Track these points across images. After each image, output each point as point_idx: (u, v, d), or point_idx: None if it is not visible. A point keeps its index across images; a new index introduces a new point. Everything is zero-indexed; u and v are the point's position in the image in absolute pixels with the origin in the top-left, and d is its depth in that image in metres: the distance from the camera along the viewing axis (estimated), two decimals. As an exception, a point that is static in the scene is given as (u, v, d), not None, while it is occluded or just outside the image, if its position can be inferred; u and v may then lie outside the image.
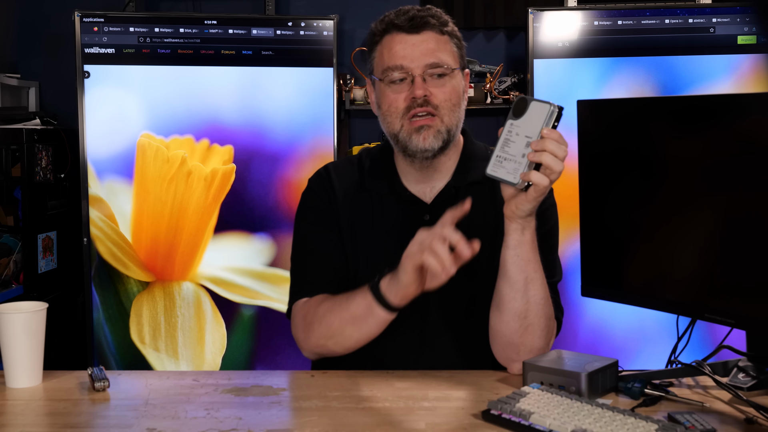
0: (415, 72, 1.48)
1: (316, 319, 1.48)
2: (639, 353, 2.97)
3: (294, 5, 3.59)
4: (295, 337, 1.54)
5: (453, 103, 1.50)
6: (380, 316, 1.41)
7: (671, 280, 1.38)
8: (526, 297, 1.41)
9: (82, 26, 3.02)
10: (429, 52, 1.49)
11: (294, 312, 1.56)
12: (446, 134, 1.49)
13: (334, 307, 1.47)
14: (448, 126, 1.49)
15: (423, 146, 1.48)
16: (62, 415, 1.26)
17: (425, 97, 1.47)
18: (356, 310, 1.43)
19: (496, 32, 3.57)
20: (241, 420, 1.22)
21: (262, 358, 3.11)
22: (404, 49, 1.49)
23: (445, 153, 1.53)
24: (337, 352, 1.50)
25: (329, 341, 1.48)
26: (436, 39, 1.50)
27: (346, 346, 1.47)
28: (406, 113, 1.49)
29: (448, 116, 1.49)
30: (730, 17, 3.03)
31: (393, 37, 1.51)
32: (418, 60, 1.48)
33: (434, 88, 1.48)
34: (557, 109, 1.32)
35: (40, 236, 3.12)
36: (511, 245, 1.40)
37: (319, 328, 1.48)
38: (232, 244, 3.09)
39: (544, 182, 1.31)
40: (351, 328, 1.44)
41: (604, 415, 1.15)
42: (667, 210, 1.36)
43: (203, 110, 3.07)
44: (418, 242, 1.33)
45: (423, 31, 1.49)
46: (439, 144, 1.49)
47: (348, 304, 1.44)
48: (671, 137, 1.37)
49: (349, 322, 1.44)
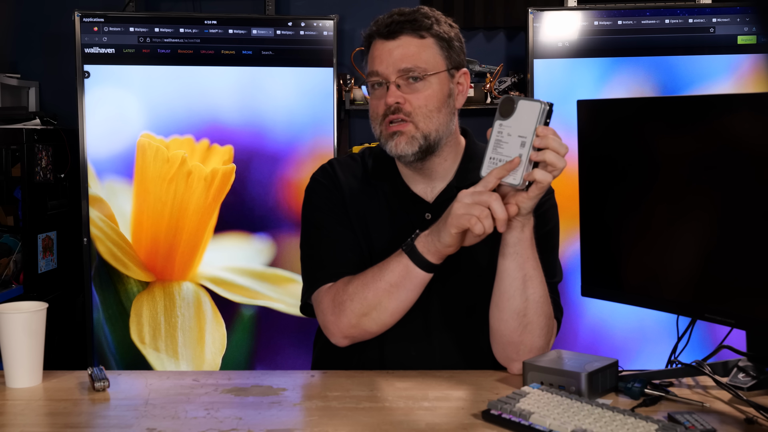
0: (390, 78, 1.49)
1: (347, 297, 1.45)
2: (639, 353, 2.97)
3: (294, 5, 3.59)
4: (323, 323, 1.51)
5: (430, 108, 1.49)
6: (419, 278, 1.41)
7: (671, 280, 1.38)
8: (525, 295, 1.41)
9: (82, 26, 3.02)
10: (403, 57, 1.48)
11: (319, 298, 1.52)
12: (422, 140, 1.49)
13: (366, 281, 1.44)
14: (424, 131, 1.49)
15: (396, 152, 1.50)
16: (62, 415, 1.26)
17: (398, 104, 1.48)
18: (392, 278, 1.42)
19: (496, 32, 3.58)
20: (241, 420, 1.22)
21: (262, 358, 3.11)
22: (381, 55, 1.50)
23: (437, 155, 1.53)
24: (371, 330, 1.47)
25: (364, 318, 1.44)
26: (414, 43, 1.49)
27: (382, 320, 1.45)
28: (383, 119, 1.50)
29: (424, 122, 1.49)
30: (730, 17, 3.03)
31: (375, 44, 1.52)
32: (392, 66, 1.48)
33: (409, 94, 1.48)
34: (548, 106, 1.31)
35: (40, 236, 3.12)
36: (510, 243, 1.40)
37: (352, 305, 1.45)
38: (232, 244, 3.10)
39: (548, 179, 1.31)
40: (387, 298, 1.42)
41: (604, 415, 1.15)
42: (667, 210, 1.36)
43: (203, 110, 3.07)
44: (464, 205, 1.33)
45: (399, 36, 1.49)
46: (414, 149, 1.49)
47: (382, 273, 1.43)
48: (671, 137, 1.37)
49: (385, 293, 1.42)
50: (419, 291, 1.43)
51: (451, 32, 1.53)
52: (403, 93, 1.48)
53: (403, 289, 1.42)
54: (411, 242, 1.41)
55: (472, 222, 1.31)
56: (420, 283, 1.42)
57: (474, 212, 1.31)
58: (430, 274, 1.41)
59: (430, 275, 1.42)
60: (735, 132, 1.28)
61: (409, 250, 1.41)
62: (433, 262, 1.40)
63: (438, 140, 1.51)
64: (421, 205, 1.56)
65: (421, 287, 1.43)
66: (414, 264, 1.40)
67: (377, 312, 1.44)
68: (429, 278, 1.42)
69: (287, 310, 3.09)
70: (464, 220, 1.32)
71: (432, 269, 1.41)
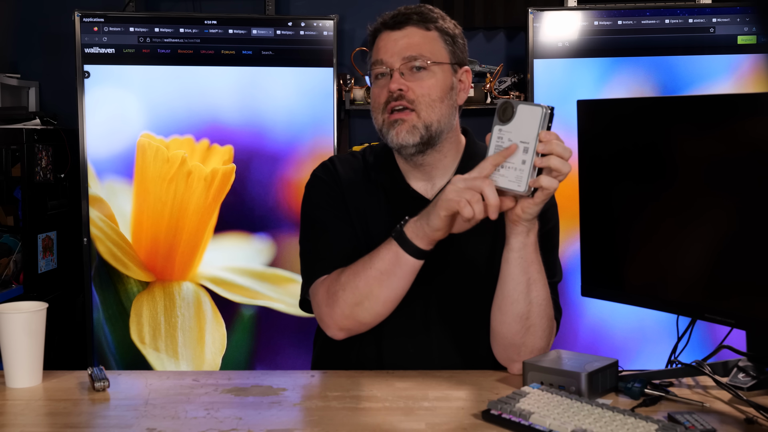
0: (394, 66, 1.49)
1: (339, 287, 1.45)
2: (639, 353, 2.97)
3: (294, 5, 3.59)
4: (319, 316, 1.50)
5: (433, 98, 1.49)
6: (409, 265, 1.39)
7: (671, 280, 1.38)
8: (528, 299, 1.41)
9: (82, 26, 3.02)
10: (408, 46, 1.49)
11: (314, 291, 1.52)
12: (424, 130, 1.48)
13: (357, 270, 1.44)
14: (426, 122, 1.48)
15: (397, 141, 1.49)
16: (62, 415, 1.26)
17: (401, 91, 1.48)
18: (382, 265, 1.40)
19: (496, 32, 3.57)
20: (241, 420, 1.22)
21: (262, 358, 3.11)
22: (386, 44, 1.51)
23: (438, 150, 1.53)
24: (366, 321, 1.46)
25: (357, 308, 1.43)
26: (419, 34, 1.51)
27: (375, 310, 1.44)
28: (385, 107, 1.50)
29: (426, 111, 1.48)
30: (730, 17, 3.03)
31: (381, 35, 1.53)
32: (397, 54, 1.49)
33: (412, 82, 1.49)
34: (549, 110, 1.28)
35: (40, 236, 3.12)
36: (515, 248, 1.39)
37: (344, 295, 1.44)
38: (232, 244, 3.10)
39: (554, 185, 1.30)
40: (379, 286, 1.41)
41: (604, 415, 1.15)
42: (667, 210, 1.36)
43: (203, 110, 3.07)
44: (456, 189, 1.31)
45: (405, 27, 1.51)
46: (415, 139, 1.48)
47: (372, 261, 1.42)
48: (671, 137, 1.37)
49: (376, 281, 1.41)
50: (410, 278, 1.42)
51: (455, 30, 1.56)
52: (407, 81, 1.49)
53: (394, 277, 1.40)
54: (400, 228, 1.40)
55: (461, 205, 1.30)
56: (410, 270, 1.40)
57: (465, 196, 1.30)
58: (420, 260, 1.40)
59: (421, 262, 1.40)
60: (736, 132, 1.28)
61: (398, 236, 1.39)
62: (422, 247, 1.38)
63: (439, 132, 1.51)
64: (421, 201, 1.55)
65: (412, 275, 1.41)
66: (403, 250, 1.39)
67: (369, 301, 1.43)
68: (419, 265, 1.40)
69: (287, 310, 3.09)
70: (454, 203, 1.31)
71: (422, 255, 1.39)
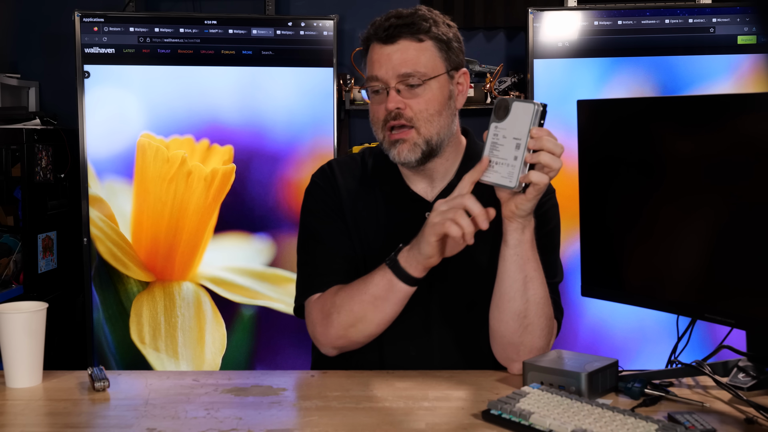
0: (390, 83, 1.48)
1: (334, 310, 1.46)
2: (639, 353, 2.97)
3: (294, 5, 3.59)
4: (312, 334, 1.52)
5: (431, 112, 1.49)
6: (402, 292, 1.41)
7: (671, 280, 1.38)
8: (525, 296, 1.41)
9: (82, 26, 3.02)
10: (402, 62, 1.48)
11: (308, 309, 1.54)
12: (425, 145, 1.49)
13: (352, 293, 1.45)
14: (426, 137, 1.49)
15: (399, 160, 1.50)
16: (62, 415, 1.26)
17: (398, 110, 1.48)
18: (376, 290, 1.42)
19: (496, 32, 3.57)
20: (241, 420, 1.22)
21: (262, 358, 3.11)
22: (380, 59, 1.50)
23: (439, 156, 1.53)
24: (358, 341, 1.48)
25: (350, 330, 1.46)
26: (413, 47, 1.49)
27: (368, 332, 1.46)
28: (384, 125, 1.50)
29: (425, 127, 1.49)
30: (730, 17, 3.03)
31: (373, 48, 1.52)
32: (391, 71, 1.48)
33: (409, 99, 1.48)
34: (542, 107, 1.31)
35: (40, 236, 3.12)
36: (511, 245, 1.40)
37: (339, 318, 1.46)
38: (232, 244, 3.09)
39: (544, 180, 1.32)
40: (372, 311, 1.43)
41: (604, 415, 1.15)
42: (667, 210, 1.36)
43: (203, 110, 3.07)
44: (439, 212, 1.34)
45: (398, 40, 1.49)
46: (417, 156, 1.49)
47: (366, 286, 1.44)
48: (671, 137, 1.37)
49: (370, 305, 1.43)
50: (403, 303, 1.44)
51: (449, 33, 1.53)
52: (404, 98, 1.48)
53: (388, 302, 1.43)
54: (394, 256, 1.42)
55: (446, 226, 1.32)
56: (404, 297, 1.43)
57: (449, 216, 1.32)
58: (413, 287, 1.42)
59: (414, 288, 1.42)
60: (736, 132, 1.28)
61: (392, 264, 1.41)
62: (415, 275, 1.40)
63: (440, 143, 1.51)
64: (421, 203, 1.56)
65: (404, 300, 1.43)
66: (397, 278, 1.40)
67: (363, 324, 1.45)
68: (413, 291, 1.42)
69: (287, 310, 3.08)
70: (439, 226, 1.33)
71: (415, 283, 1.41)
